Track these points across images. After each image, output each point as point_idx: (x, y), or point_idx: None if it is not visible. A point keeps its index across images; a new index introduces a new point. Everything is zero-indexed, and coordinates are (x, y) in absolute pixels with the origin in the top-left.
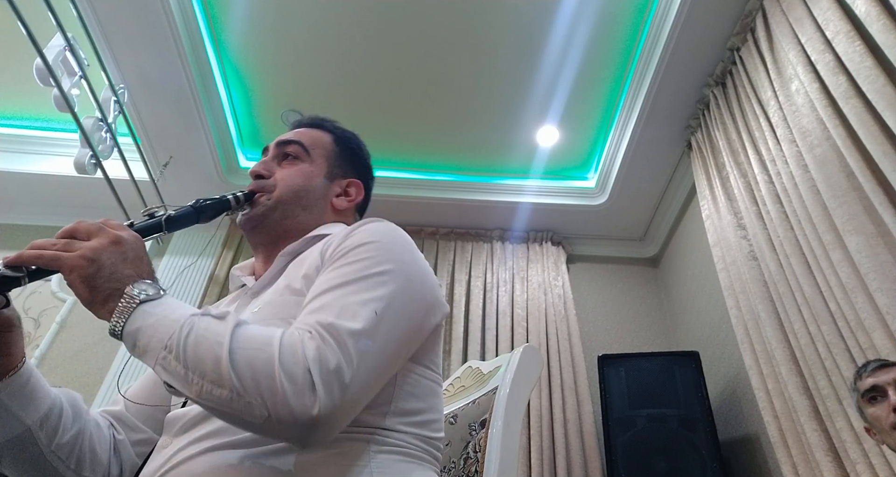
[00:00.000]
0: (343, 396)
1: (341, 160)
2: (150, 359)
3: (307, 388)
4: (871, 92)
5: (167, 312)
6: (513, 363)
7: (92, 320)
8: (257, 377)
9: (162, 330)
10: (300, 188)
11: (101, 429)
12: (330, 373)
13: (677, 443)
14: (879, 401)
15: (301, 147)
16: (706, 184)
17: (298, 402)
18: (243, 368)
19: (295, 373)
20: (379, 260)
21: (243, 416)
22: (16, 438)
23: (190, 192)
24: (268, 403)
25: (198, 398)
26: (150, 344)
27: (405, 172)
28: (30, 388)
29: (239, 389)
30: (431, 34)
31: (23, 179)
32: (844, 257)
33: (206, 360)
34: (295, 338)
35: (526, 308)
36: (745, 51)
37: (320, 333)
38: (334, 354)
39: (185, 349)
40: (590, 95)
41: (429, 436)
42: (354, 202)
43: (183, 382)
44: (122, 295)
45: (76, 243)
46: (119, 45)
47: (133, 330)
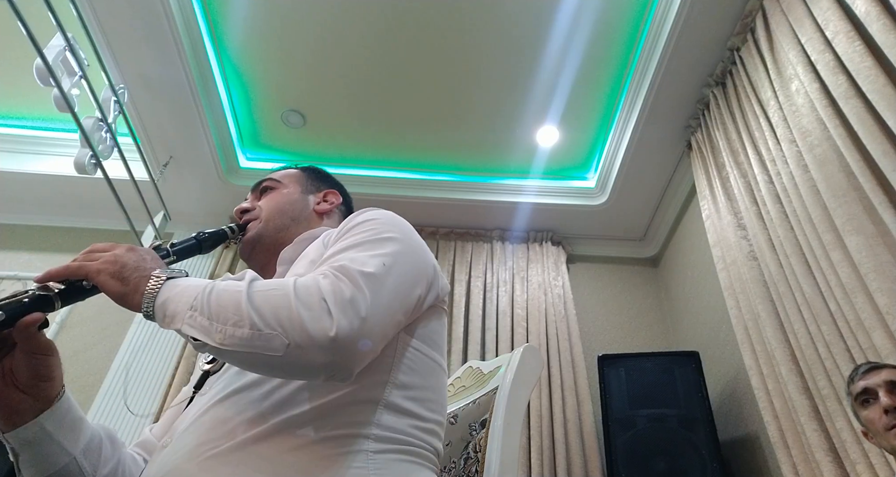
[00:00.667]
0: (362, 323)
1: (312, 179)
2: (178, 321)
3: (324, 312)
4: (871, 92)
5: (191, 282)
6: (513, 363)
7: (92, 320)
8: (275, 310)
9: (187, 294)
10: (284, 204)
11: (137, 461)
12: (345, 301)
13: (677, 443)
14: (872, 403)
15: (273, 180)
16: (706, 184)
17: (316, 325)
18: (261, 304)
19: (311, 302)
20: (382, 229)
21: (265, 351)
22: (63, 469)
23: (190, 193)
24: (287, 331)
25: (221, 345)
26: (177, 309)
27: (405, 172)
28: (72, 416)
29: (259, 324)
30: (431, 34)
31: (23, 179)
32: (844, 257)
33: (228, 306)
34: (309, 278)
35: (526, 308)
36: (745, 51)
37: (334, 273)
38: (348, 287)
39: (210, 304)
40: (590, 95)
41: (427, 417)
42: (335, 205)
43: (207, 332)
44: (150, 277)
45: (96, 254)
46: (119, 45)
47: (162, 301)
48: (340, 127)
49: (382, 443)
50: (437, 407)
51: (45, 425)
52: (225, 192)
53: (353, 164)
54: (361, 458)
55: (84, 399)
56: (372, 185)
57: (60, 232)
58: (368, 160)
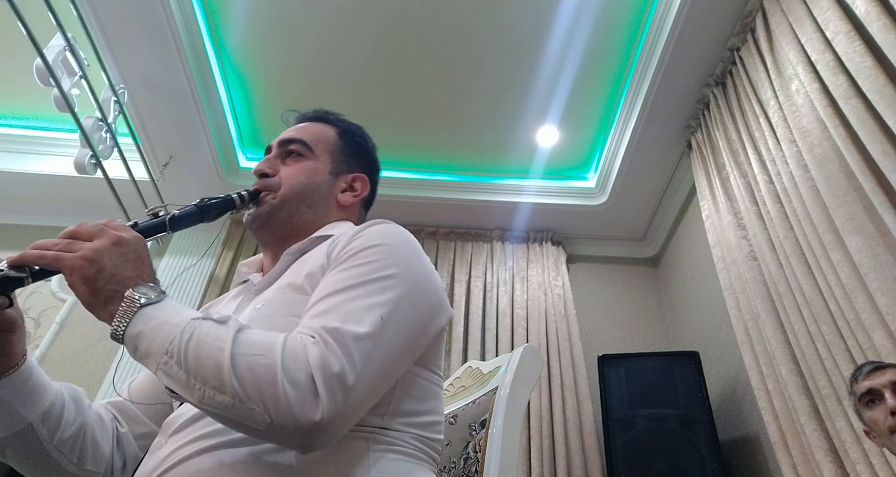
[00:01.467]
0: (346, 400)
1: (346, 155)
2: (152, 364)
3: (310, 393)
4: (871, 92)
5: (168, 317)
6: (513, 363)
7: (92, 321)
8: (259, 383)
9: (163, 334)
10: (305, 186)
11: (104, 422)
12: (333, 377)
13: (677, 443)
14: (877, 404)
15: (304, 145)
16: (706, 184)
17: (301, 408)
18: (245, 374)
19: (297, 378)
20: (385, 264)
21: (246, 421)
22: (18, 433)
23: (190, 193)
24: (270, 410)
25: (200, 404)
26: (151, 348)
27: (405, 172)
28: (30, 384)
29: (241, 396)
30: (431, 34)
31: (23, 179)
32: (844, 257)
33: (208, 365)
34: (297, 343)
35: (526, 308)
36: (745, 51)
37: (324, 338)
38: (337, 358)
39: (187, 355)
40: (590, 95)
41: (428, 437)
42: (360, 197)
43: (185, 387)
44: (123, 298)
45: (78, 244)
46: (119, 45)
47: (134, 334)
48: None
49: (383, 444)
50: (437, 427)
51: (1, 393)
52: (225, 192)
53: None
54: (362, 456)
55: None
56: None
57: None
58: None
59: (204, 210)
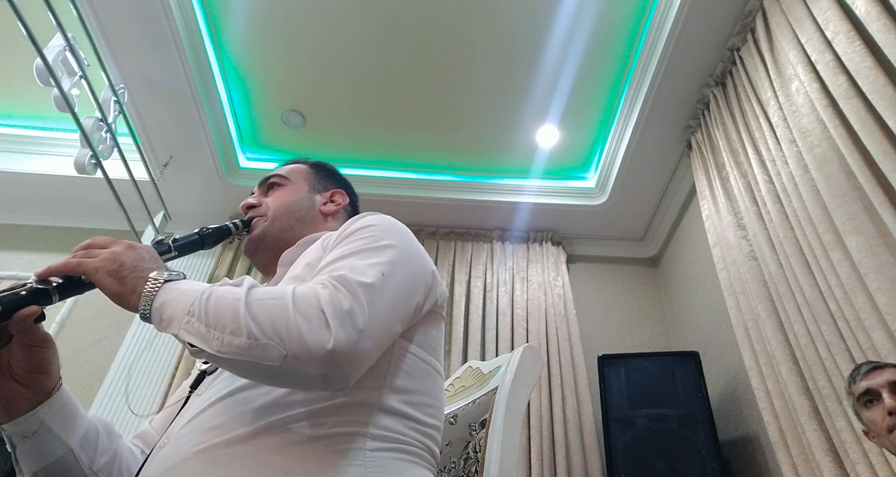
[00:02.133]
0: (358, 335)
1: (320, 178)
2: (175, 326)
3: (321, 324)
4: (871, 92)
5: (189, 286)
6: (513, 363)
7: (92, 320)
8: (273, 320)
9: (185, 299)
10: (290, 202)
11: (134, 453)
12: (343, 313)
13: (677, 443)
14: (875, 404)
15: (281, 177)
16: (706, 184)
17: (314, 338)
18: (259, 314)
19: (309, 313)
20: (381, 237)
21: (262, 360)
22: (59, 460)
23: (190, 193)
24: (285, 342)
25: (218, 352)
26: (174, 313)
27: (405, 172)
28: (69, 408)
29: (256, 334)
30: (431, 34)
31: (23, 179)
32: (844, 257)
33: (226, 314)
34: (308, 287)
35: (526, 308)
36: (745, 51)
37: (333, 283)
38: (347, 298)
39: (207, 310)
40: (590, 95)
41: (425, 421)
42: (342, 206)
43: (204, 339)
44: (148, 280)
45: (96, 251)
46: (119, 45)
47: (159, 305)
48: (340, 127)
49: (379, 441)
50: (434, 412)
51: (42, 417)
52: (225, 192)
53: (353, 164)
54: (359, 456)
55: (84, 399)
56: (372, 185)
57: (60, 232)
58: (368, 160)
59: (204, 238)
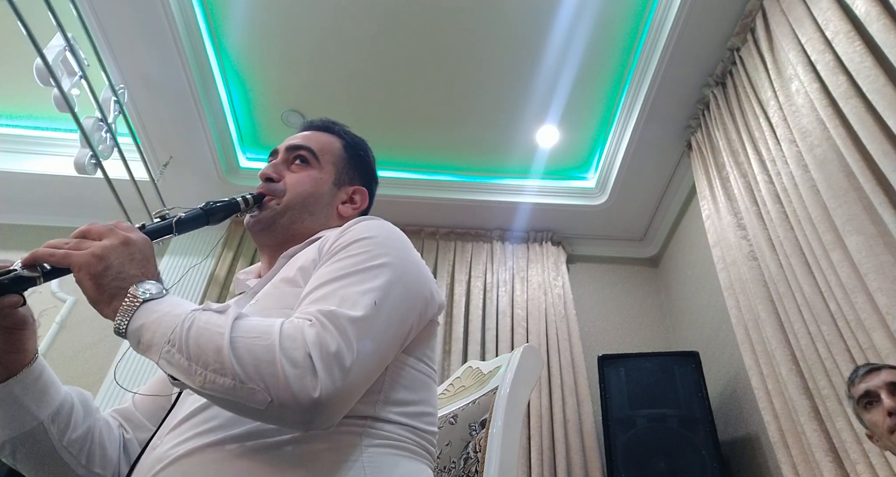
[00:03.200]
0: (344, 378)
1: (349, 167)
2: (154, 354)
3: (308, 371)
4: (871, 92)
5: (169, 309)
6: (513, 363)
7: (92, 320)
8: (258, 363)
9: (164, 325)
10: (309, 195)
11: (111, 428)
12: (330, 356)
13: (677, 443)
14: (875, 406)
15: (311, 152)
16: (706, 184)
17: (300, 385)
18: (244, 355)
19: (296, 357)
20: (376, 253)
21: (247, 403)
22: (29, 432)
23: (190, 193)
24: (270, 388)
25: (201, 389)
26: (153, 339)
27: (405, 172)
28: (42, 383)
29: (241, 376)
30: (431, 34)
31: (23, 179)
32: (844, 257)
33: (208, 350)
34: (295, 325)
35: (526, 308)
36: (745, 51)
37: (320, 320)
38: (334, 338)
39: (188, 342)
40: (590, 95)
41: (421, 428)
42: (359, 210)
43: (186, 373)
44: (127, 294)
45: (87, 242)
46: (119, 45)
47: (136, 327)
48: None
49: (376, 438)
50: (430, 419)
51: (12, 389)
52: (225, 192)
53: None
54: (356, 452)
55: None
56: None
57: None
58: None
59: (209, 213)
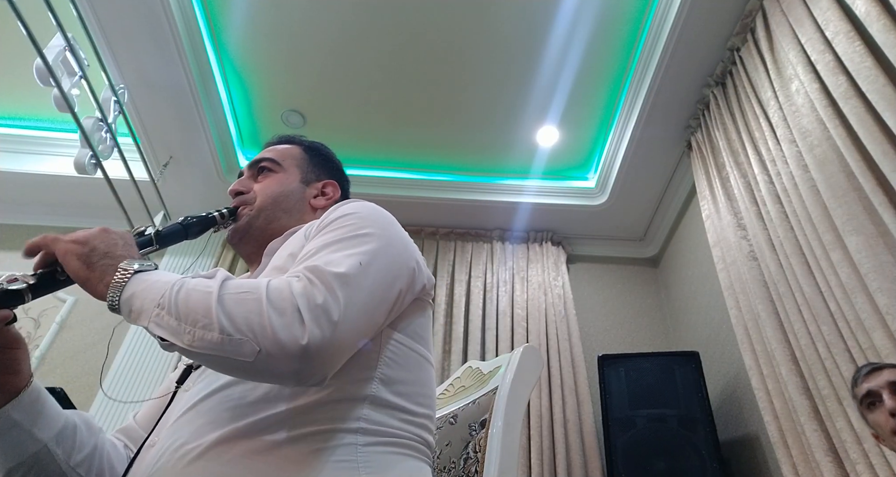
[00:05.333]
0: (333, 330)
1: (313, 165)
2: (144, 319)
3: (295, 320)
4: (871, 92)
5: (158, 277)
6: (513, 363)
7: (92, 320)
8: (246, 315)
9: (154, 291)
10: (278, 194)
11: (117, 447)
12: (317, 307)
13: (677, 443)
14: (877, 406)
15: (272, 161)
16: (706, 184)
17: (287, 333)
18: (232, 309)
19: (283, 308)
20: (360, 225)
21: (235, 356)
22: (34, 456)
23: (190, 193)
24: (258, 338)
25: (189, 347)
26: (144, 305)
27: (405, 172)
28: (40, 404)
29: (229, 329)
30: (431, 35)
31: (23, 179)
32: (844, 257)
33: (197, 308)
34: (282, 280)
35: (526, 308)
36: (745, 51)
37: (307, 276)
38: (321, 291)
39: (177, 303)
40: (590, 95)
41: (417, 411)
42: (332, 199)
43: (175, 333)
44: (118, 269)
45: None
46: (119, 45)
47: (128, 297)
48: (340, 127)
49: (371, 436)
50: (425, 400)
51: (11, 414)
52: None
53: (353, 165)
54: (349, 451)
55: (84, 399)
56: (372, 186)
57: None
58: (368, 160)
59: (187, 227)
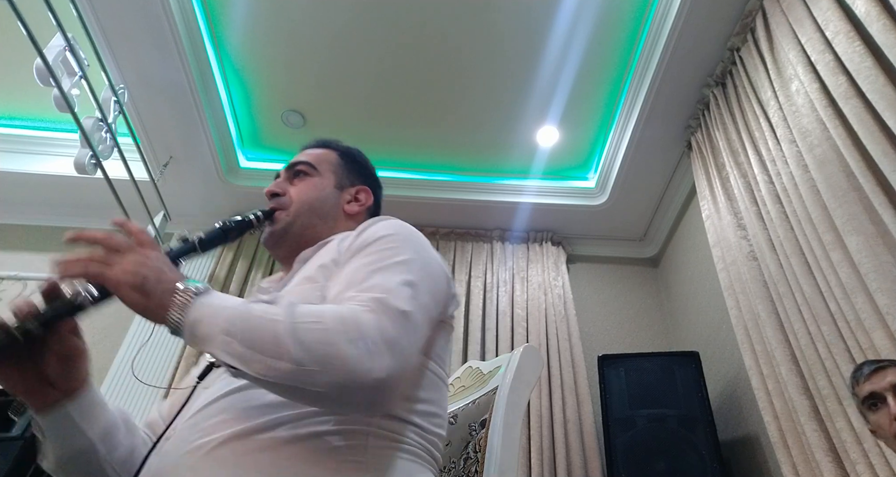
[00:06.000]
0: (401, 361)
1: (348, 171)
2: (213, 346)
3: (367, 352)
4: (871, 92)
5: (221, 302)
6: (513, 363)
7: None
8: (317, 346)
9: (220, 317)
10: (314, 199)
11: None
12: (389, 339)
13: (677, 443)
14: (880, 408)
15: (309, 165)
16: (706, 184)
17: (360, 365)
18: (302, 339)
19: (354, 339)
20: (403, 250)
21: (307, 386)
22: (80, 451)
23: (190, 193)
24: (330, 370)
25: (262, 376)
26: (210, 332)
27: (405, 172)
28: (93, 404)
29: (300, 360)
30: (432, 35)
31: (23, 179)
32: (844, 257)
33: (266, 338)
34: (350, 310)
35: (526, 308)
36: (745, 51)
37: (374, 307)
38: (391, 324)
39: (245, 331)
40: (590, 95)
41: (429, 429)
42: (365, 206)
43: (245, 362)
44: (175, 292)
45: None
46: (119, 45)
47: (192, 321)
48: (340, 127)
49: (381, 440)
50: (439, 421)
51: (69, 411)
52: (225, 192)
53: None
54: (358, 451)
55: None
56: None
57: (60, 232)
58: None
59: (226, 232)
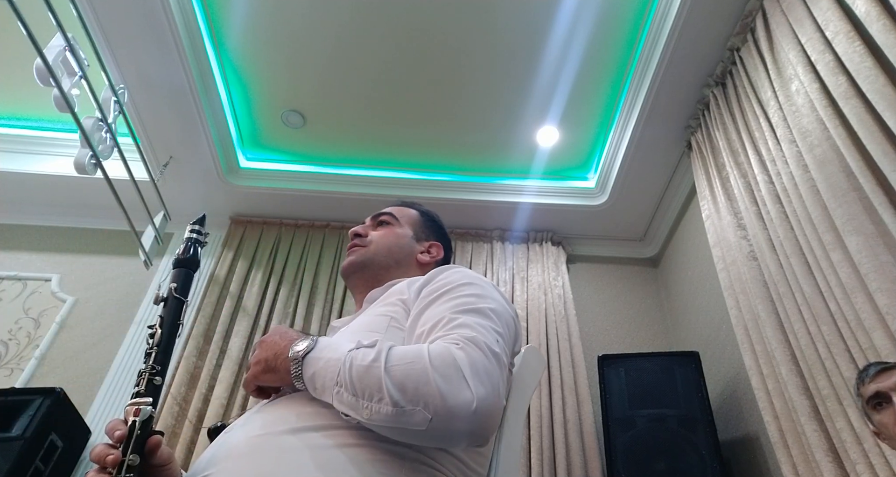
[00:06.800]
0: (498, 394)
1: (425, 227)
2: (329, 396)
3: (462, 384)
4: (871, 92)
5: (329, 354)
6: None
7: (92, 320)
8: (415, 386)
9: (330, 370)
10: (393, 244)
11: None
12: (483, 373)
13: (677, 443)
14: (885, 407)
15: (392, 216)
16: (706, 184)
17: (456, 398)
18: (400, 381)
19: (448, 374)
20: (486, 297)
21: (409, 426)
22: None
23: (190, 193)
24: (429, 407)
25: (369, 421)
26: (325, 383)
27: (405, 173)
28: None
29: (400, 401)
30: (432, 35)
31: (23, 179)
32: (844, 257)
33: (369, 384)
34: (443, 347)
35: (526, 308)
36: (745, 51)
37: (466, 344)
38: (483, 360)
39: (351, 380)
40: (590, 95)
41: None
42: (436, 259)
43: (354, 408)
44: (289, 360)
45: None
46: (119, 45)
47: (309, 377)
48: (340, 127)
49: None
50: (481, 461)
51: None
52: (225, 192)
53: (353, 165)
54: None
55: (84, 399)
56: (372, 186)
57: (60, 232)
58: (368, 160)
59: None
